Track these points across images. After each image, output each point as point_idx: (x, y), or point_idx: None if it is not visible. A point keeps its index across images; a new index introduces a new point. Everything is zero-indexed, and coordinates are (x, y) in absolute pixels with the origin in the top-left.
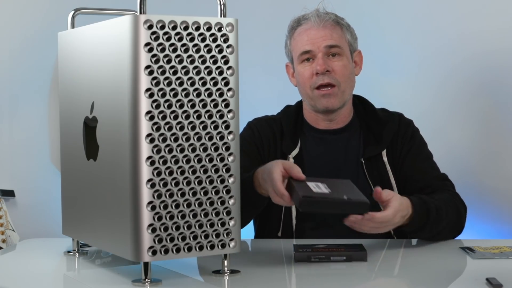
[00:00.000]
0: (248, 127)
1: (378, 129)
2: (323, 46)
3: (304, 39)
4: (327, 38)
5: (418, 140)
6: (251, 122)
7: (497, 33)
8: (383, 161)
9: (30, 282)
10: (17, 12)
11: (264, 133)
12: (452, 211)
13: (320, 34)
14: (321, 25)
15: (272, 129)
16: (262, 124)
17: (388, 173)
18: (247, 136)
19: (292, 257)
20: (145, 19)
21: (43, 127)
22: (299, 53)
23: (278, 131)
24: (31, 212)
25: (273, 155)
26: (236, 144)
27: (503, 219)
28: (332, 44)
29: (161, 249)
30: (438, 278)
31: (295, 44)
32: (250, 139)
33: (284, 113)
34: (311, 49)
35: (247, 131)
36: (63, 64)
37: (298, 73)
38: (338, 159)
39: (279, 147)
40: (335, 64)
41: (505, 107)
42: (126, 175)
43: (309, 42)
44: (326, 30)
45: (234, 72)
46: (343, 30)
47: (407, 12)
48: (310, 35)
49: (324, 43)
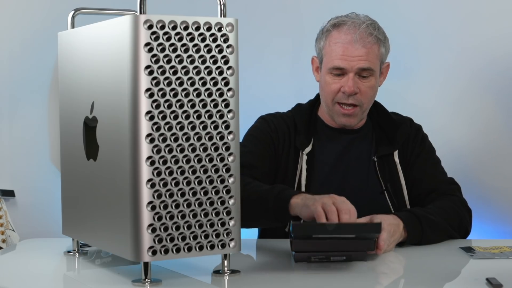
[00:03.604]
0: (263, 120)
1: (391, 130)
2: (356, 67)
3: (339, 53)
4: (363, 60)
5: (428, 145)
6: (265, 116)
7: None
8: (394, 161)
9: (30, 282)
10: (17, 12)
11: (280, 126)
12: (450, 213)
13: (357, 53)
14: (361, 45)
15: (287, 124)
16: (276, 118)
17: (399, 173)
18: (262, 128)
19: (292, 257)
20: (145, 19)
21: (43, 127)
22: (331, 66)
23: (292, 127)
24: (31, 212)
25: (287, 150)
26: (236, 144)
27: (503, 219)
28: (366, 67)
29: (161, 249)
30: (438, 278)
31: (329, 51)
32: (266, 131)
33: (297, 110)
34: (344, 67)
35: (261, 123)
36: (63, 64)
37: (325, 82)
38: (351, 157)
39: (293, 143)
40: (363, 85)
41: (506, 107)
42: (126, 175)
43: (344, 58)
44: (364, 50)
45: (234, 72)
46: (380, 47)
47: (410, 14)
48: (347, 51)
49: (358, 64)
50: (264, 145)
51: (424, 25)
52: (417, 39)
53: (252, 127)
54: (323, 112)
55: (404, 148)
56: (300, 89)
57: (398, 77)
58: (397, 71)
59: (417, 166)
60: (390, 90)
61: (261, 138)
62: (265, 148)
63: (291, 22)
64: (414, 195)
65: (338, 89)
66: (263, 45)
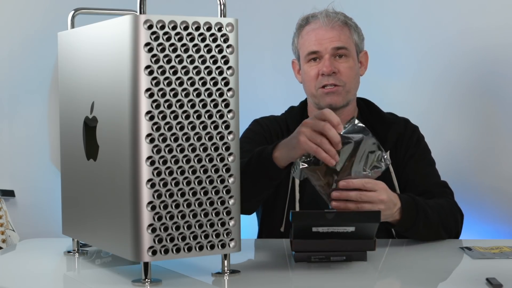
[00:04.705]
0: (257, 123)
1: (382, 131)
2: (330, 48)
3: (312, 39)
4: (335, 40)
5: (423, 146)
6: (259, 119)
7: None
8: None
9: (30, 282)
10: (17, 12)
11: (273, 129)
12: (446, 213)
13: (328, 35)
14: (330, 26)
15: (280, 126)
16: (270, 121)
17: (391, 174)
18: (256, 130)
19: (292, 257)
20: (145, 19)
21: (43, 127)
22: (306, 52)
23: (285, 129)
24: (31, 212)
25: None
26: (236, 144)
27: (503, 219)
28: (340, 46)
29: (161, 249)
30: (438, 278)
31: (302, 42)
32: (259, 132)
33: (289, 113)
34: (318, 50)
35: (255, 126)
36: (63, 64)
37: (304, 72)
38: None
39: None
40: (341, 65)
41: (504, 106)
42: (126, 175)
43: (317, 42)
44: (334, 31)
45: (234, 72)
46: (351, 31)
47: (404, 11)
48: (318, 35)
49: (331, 44)
50: (258, 143)
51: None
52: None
53: (246, 130)
54: (312, 111)
55: (397, 148)
56: (300, 89)
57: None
58: (392, 70)
59: (410, 166)
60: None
61: (256, 139)
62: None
63: (291, 22)
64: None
65: (317, 73)
66: (263, 45)
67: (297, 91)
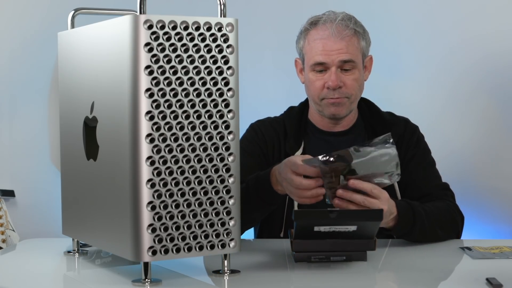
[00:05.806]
0: (251, 129)
1: (383, 132)
2: (337, 60)
3: (319, 49)
4: (343, 52)
5: (423, 147)
6: (254, 124)
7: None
8: None
9: (30, 282)
10: (17, 12)
11: (268, 134)
12: (446, 218)
13: (337, 46)
14: (339, 37)
15: (276, 130)
16: (265, 126)
17: None
18: (250, 138)
19: (292, 257)
20: (145, 19)
21: (43, 127)
22: (313, 62)
23: (282, 132)
24: (31, 212)
25: (277, 156)
26: (236, 144)
27: (503, 219)
28: (347, 59)
29: (161, 249)
30: (438, 278)
31: (309, 49)
32: (253, 141)
33: (287, 114)
34: (325, 62)
35: (249, 133)
36: (63, 64)
37: (309, 80)
38: None
39: (283, 148)
40: (347, 78)
41: (504, 106)
42: (126, 175)
43: (324, 53)
44: (343, 42)
45: (234, 72)
46: (359, 39)
47: (407, 13)
48: (326, 46)
49: (339, 57)
50: (253, 156)
51: (424, 26)
52: (413, 40)
53: (241, 138)
54: (313, 115)
55: (397, 149)
56: (300, 89)
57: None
58: (393, 71)
59: (411, 168)
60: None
61: (250, 150)
62: (254, 159)
63: (291, 22)
64: (407, 197)
65: (323, 85)
66: (263, 45)
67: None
